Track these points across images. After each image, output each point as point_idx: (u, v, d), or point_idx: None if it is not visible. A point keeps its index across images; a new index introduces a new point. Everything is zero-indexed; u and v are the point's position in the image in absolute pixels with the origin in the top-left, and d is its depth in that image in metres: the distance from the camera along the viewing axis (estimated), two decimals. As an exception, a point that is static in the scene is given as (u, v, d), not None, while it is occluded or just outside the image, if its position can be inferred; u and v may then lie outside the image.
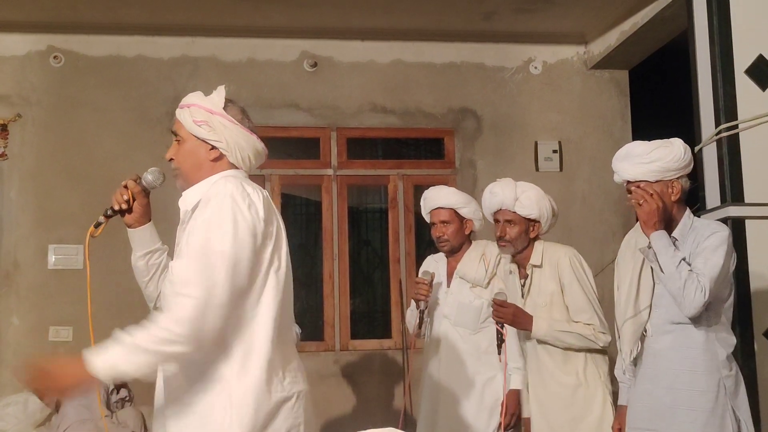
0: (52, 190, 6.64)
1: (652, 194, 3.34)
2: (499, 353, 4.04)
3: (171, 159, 2.79)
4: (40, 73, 6.73)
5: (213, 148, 2.77)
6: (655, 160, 3.37)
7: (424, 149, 7.95)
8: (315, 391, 6.86)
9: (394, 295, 6.95)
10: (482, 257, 4.45)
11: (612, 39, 6.98)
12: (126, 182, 2.91)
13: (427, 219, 4.63)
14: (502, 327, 4.02)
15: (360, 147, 7.43)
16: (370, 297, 8.89)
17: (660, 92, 7.50)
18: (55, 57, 6.76)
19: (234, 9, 6.43)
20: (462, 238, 4.54)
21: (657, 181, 3.38)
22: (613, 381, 3.93)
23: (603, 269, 7.06)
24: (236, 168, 2.86)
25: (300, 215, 8.69)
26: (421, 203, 4.69)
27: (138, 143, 6.66)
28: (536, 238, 4.21)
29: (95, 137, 6.72)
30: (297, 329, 4.63)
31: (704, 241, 3.32)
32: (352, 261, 7.19)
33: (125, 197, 2.88)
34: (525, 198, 4.18)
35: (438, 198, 4.56)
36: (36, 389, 2.88)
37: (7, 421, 6.01)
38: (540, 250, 4.16)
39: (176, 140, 2.81)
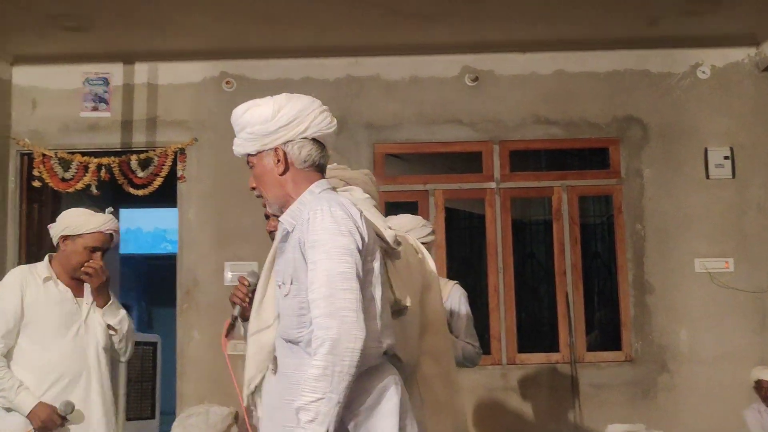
0: (226, 210, 6.94)
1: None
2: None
3: None
4: (214, 98, 7.05)
5: None
6: (245, 125, 2.65)
7: (589, 160, 7.84)
8: (482, 405, 6.91)
9: (560, 308, 6.86)
10: None
11: (787, 39, 6.68)
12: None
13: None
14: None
15: (523, 159, 7.40)
16: (536, 310, 8.84)
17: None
18: (227, 82, 7.07)
19: (396, 28, 6.55)
20: None
21: (258, 153, 2.63)
22: None
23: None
24: None
25: (464, 229, 8.74)
26: None
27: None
28: None
29: (266, 158, 6.96)
30: None
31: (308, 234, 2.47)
32: (517, 274, 7.15)
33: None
34: None
35: None
36: None
37: (190, 431, 6.31)
38: None
39: None
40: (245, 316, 3.17)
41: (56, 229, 4.11)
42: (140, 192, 6.96)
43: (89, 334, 4.06)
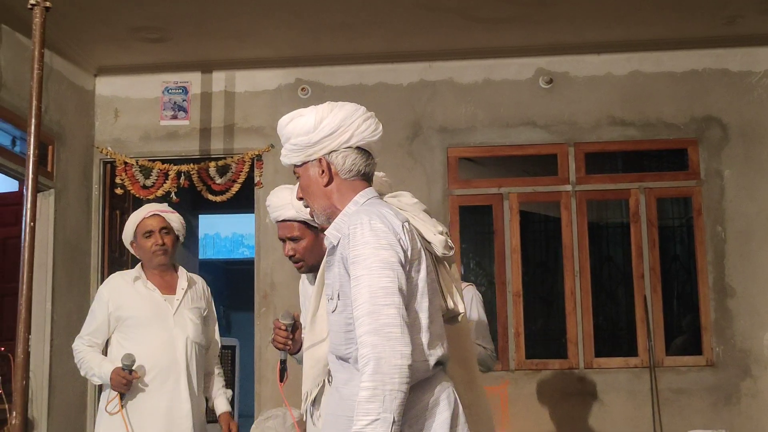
0: (302, 215, 7.01)
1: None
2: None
3: None
4: (289, 104, 7.14)
5: None
6: (290, 136, 2.60)
7: (667, 161, 7.73)
8: (559, 409, 6.86)
9: (638, 312, 6.77)
10: None
11: None
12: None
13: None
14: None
15: (599, 161, 7.33)
16: (614, 314, 8.74)
17: None
18: (302, 89, 7.16)
19: (469, 32, 6.56)
20: (321, 254, 2.97)
21: (303, 164, 2.59)
22: None
23: None
24: None
25: (539, 232, 8.70)
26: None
27: (381, 167, 6.91)
28: None
29: (341, 163, 7.03)
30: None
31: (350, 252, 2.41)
32: (594, 277, 7.07)
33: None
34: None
35: (280, 208, 3.29)
36: None
37: (267, 433, 6.39)
38: None
39: None
40: (293, 353, 3.26)
41: (126, 245, 4.52)
42: (218, 198, 7.10)
43: (178, 328, 4.31)
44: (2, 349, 5.69)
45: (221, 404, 4.56)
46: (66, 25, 6.10)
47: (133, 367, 4.12)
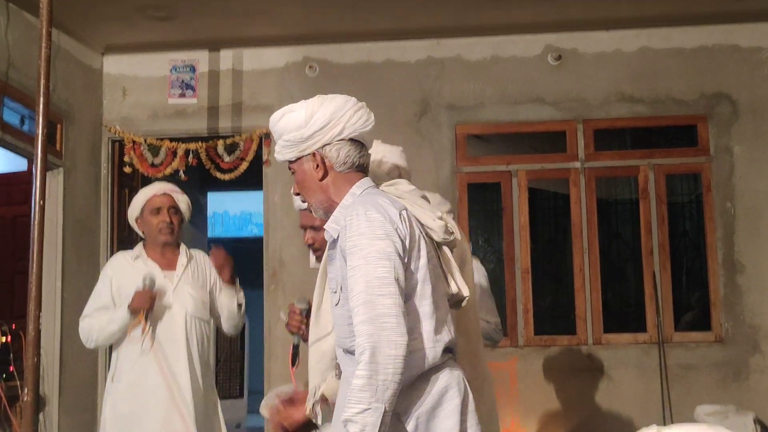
0: (311, 193, 7.02)
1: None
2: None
3: None
4: (297, 82, 7.14)
5: None
6: (282, 132, 2.60)
7: (676, 137, 7.71)
8: (567, 385, 6.87)
9: (647, 289, 6.77)
10: None
11: None
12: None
13: None
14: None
15: (608, 138, 7.31)
16: (623, 290, 8.75)
17: None
18: (310, 67, 7.14)
19: (477, 8, 6.52)
20: None
21: (297, 159, 2.59)
22: None
23: None
24: None
25: (548, 209, 8.69)
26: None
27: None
28: None
29: (349, 141, 7.03)
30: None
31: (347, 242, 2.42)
32: (603, 254, 7.07)
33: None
34: None
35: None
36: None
37: (277, 409, 6.42)
38: None
39: None
40: (306, 339, 3.20)
41: (131, 219, 4.60)
42: (226, 176, 7.11)
43: (178, 304, 4.41)
44: (14, 326, 5.73)
45: None
46: (73, 3, 6.08)
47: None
